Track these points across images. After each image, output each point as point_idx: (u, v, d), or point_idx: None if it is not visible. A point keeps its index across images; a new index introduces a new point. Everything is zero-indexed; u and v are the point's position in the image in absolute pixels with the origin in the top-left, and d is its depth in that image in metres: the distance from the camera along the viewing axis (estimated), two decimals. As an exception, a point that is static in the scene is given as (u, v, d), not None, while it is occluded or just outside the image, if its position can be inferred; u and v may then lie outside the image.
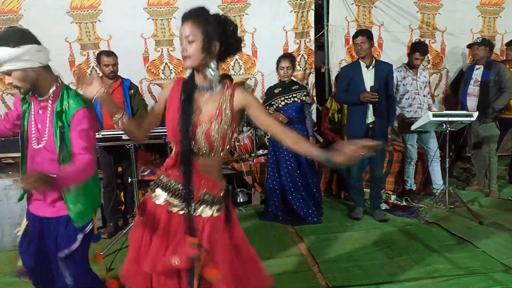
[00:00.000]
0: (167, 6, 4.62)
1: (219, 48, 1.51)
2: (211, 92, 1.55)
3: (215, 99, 1.54)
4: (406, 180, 4.26)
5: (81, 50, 4.58)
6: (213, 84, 1.55)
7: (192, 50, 1.47)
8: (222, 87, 1.57)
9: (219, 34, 1.49)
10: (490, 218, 3.59)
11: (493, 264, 2.72)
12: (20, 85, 1.63)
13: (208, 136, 1.51)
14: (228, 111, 1.53)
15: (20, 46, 1.57)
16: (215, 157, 1.56)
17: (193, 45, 1.46)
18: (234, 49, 1.57)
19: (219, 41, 1.50)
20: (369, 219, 3.70)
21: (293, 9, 4.84)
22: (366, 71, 3.57)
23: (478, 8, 5.21)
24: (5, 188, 3.18)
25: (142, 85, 4.66)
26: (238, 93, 1.55)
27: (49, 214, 1.77)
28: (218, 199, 1.60)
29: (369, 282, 2.53)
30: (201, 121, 1.52)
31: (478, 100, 4.20)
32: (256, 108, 1.56)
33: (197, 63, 1.49)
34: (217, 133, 1.51)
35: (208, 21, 1.47)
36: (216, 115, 1.52)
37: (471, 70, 4.33)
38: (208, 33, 1.46)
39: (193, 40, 1.46)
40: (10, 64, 1.57)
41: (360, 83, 3.54)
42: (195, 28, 1.46)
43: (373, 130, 3.56)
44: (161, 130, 3.50)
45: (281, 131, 1.56)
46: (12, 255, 3.09)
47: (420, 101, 4.13)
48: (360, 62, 3.60)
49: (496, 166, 4.30)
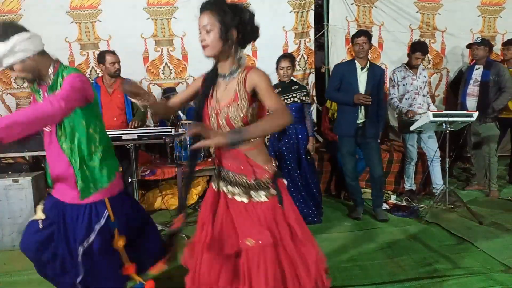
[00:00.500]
0: (167, 6, 4.62)
1: (236, 36, 1.55)
2: (231, 78, 1.59)
3: (234, 84, 1.58)
4: (406, 180, 4.26)
5: (81, 50, 4.59)
6: (233, 71, 1.59)
7: (210, 39, 1.52)
8: (241, 71, 1.59)
9: (236, 23, 1.53)
10: (490, 218, 3.59)
11: (493, 264, 2.72)
12: (24, 76, 1.67)
13: (228, 121, 1.57)
14: (243, 94, 1.55)
15: (9, 38, 1.58)
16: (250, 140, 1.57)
17: (211, 34, 1.52)
18: (252, 37, 1.61)
19: (236, 29, 1.54)
20: (369, 219, 3.70)
21: (293, 9, 4.84)
22: (361, 72, 3.58)
23: (478, 8, 5.22)
24: (5, 188, 3.17)
25: (142, 85, 4.66)
26: (250, 73, 1.56)
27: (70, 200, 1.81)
28: (264, 182, 1.62)
29: (369, 282, 2.53)
30: (222, 108, 1.58)
31: (478, 100, 4.20)
32: (261, 90, 1.54)
33: (216, 52, 1.54)
34: (236, 117, 1.55)
35: (225, 10, 1.52)
36: (233, 100, 1.56)
37: (470, 70, 4.33)
38: (224, 22, 1.51)
39: (211, 30, 1.51)
40: (8, 59, 1.60)
41: (353, 83, 3.55)
42: (212, 17, 1.51)
43: (363, 129, 3.57)
44: (161, 130, 3.54)
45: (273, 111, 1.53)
46: (12, 255, 3.10)
47: (420, 101, 4.13)
48: (356, 63, 3.61)
49: (496, 166, 4.30)
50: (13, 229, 3.19)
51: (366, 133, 3.57)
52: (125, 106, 3.67)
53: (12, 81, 4.55)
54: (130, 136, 3.20)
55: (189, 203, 4.12)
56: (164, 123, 4.27)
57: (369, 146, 3.62)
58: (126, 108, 3.70)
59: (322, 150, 4.54)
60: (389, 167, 4.32)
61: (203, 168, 3.82)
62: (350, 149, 3.67)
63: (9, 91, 4.58)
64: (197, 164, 1.63)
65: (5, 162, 3.69)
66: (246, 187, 1.63)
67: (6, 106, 4.60)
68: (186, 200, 1.69)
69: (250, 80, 1.55)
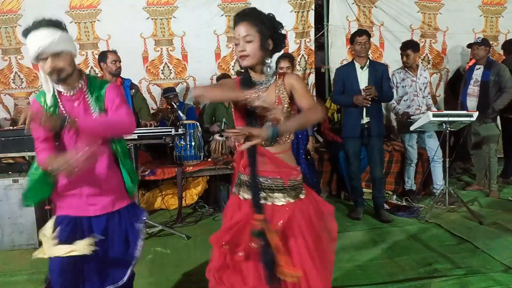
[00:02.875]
0: (166, 6, 4.61)
1: (271, 46, 1.62)
2: (267, 85, 1.65)
3: (272, 90, 1.64)
4: (406, 181, 4.25)
5: (80, 50, 4.58)
6: (268, 78, 1.65)
7: (250, 49, 1.57)
8: (276, 78, 1.67)
9: (271, 33, 1.61)
10: (490, 218, 3.59)
11: (493, 264, 2.72)
12: (65, 69, 1.63)
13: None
14: (285, 98, 1.63)
15: (67, 33, 1.67)
16: (283, 142, 1.65)
17: (251, 44, 1.57)
18: (281, 46, 1.69)
19: (272, 39, 1.61)
20: (369, 219, 3.70)
21: (293, 9, 4.84)
22: (361, 72, 3.58)
23: (480, 7, 5.20)
24: (5, 188, 3.17)
25: (141, 85, 4.65)
26: (287, 78, 1.65)
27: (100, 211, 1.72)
28: (296, 184, 1.67)
29: (369, 282, 2.53)
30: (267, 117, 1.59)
31: (478, 100, 4.20)
32: (297, 91, 1.62)
33: (256, 61, 1.60)
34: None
35: (262, 20, 1.59)
36: (276, 104, 1.60)
37: (471, 70, 4.32)
38: (263, 32, 1.58)
39: (251, 40, 1.57)
40: (64, 45, 1.62)
41: (354, 84, 3.56)
42: (251, 28, 1.57)
43: (368, 130, 3.58)
44: (161, 130, 3.53)
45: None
46: (12, 255, 3.10)
47: (419, 103, 4.12)
48: (355, 63, 3.62)
49: (496, 166, 4.30)
50: (13, 229, 3.19)
51: (372, 132, 3.57)
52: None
53: (10, 82, 4.55)
54: (130, 136, 3.20)
55: (189, 203, 4.12)
56: (164, 123, 4.27)
57: (373, 146, 3.63)
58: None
59: (322, 150, 4.54)
60: (389, 167, 4.31)
61: (203, 168, 3.82)
62: (356, 150, 3.67)
63: (7, 92, 4.58)
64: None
65: (5, 162, 3.68)
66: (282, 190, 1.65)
67: (4, 106, 4.61)
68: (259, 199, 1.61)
69: (288, 84, 1.63)
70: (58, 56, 1.60)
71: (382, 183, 3.78)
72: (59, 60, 1.60)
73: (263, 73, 1.65)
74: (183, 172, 3.73)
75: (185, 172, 3.75)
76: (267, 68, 1.64)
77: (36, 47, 1.57)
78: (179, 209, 3.80)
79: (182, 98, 4.73)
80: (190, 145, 3.80)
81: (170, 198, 4.10)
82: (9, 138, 3.27)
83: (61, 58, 1.61)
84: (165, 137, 3.34)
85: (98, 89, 1.72)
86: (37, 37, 1.58)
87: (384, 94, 3.59)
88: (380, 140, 3.69)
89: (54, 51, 1.59)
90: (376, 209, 3.76)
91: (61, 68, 1.61)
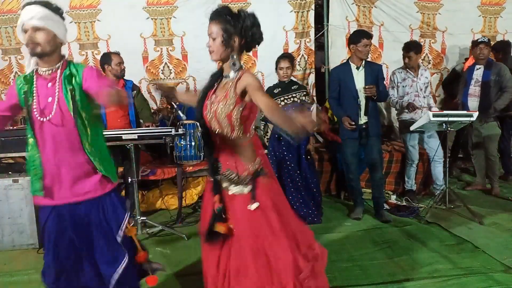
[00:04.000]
0: (166, 6, 4.61)
1: (239, 42, 1.73)
2: (229, 79, 1.77)
3: (228, 84, 1.76)
4: (407, 181, 4.25)
5: (80, 50, 4.58)
6: (231, 73, 1.76)
7: (214, 46, 1.73)
8: (238, 74, 1.75)
9: (238, 30, 1.72)
10: (490, 218, 3.59)
11: (493, 264, 2.72)
12: (42, 45, 1.70)
13: (215, 116, 1.75)
14: (232, 93, 1.73)
15: (56, 14, 1.76)
16: (230, 137, 1.77)
17: (216, 41, 1.72)
18: (255, 40, 1.78)
19: (239, 36, 1.72)
20: (369, 219, 3.70)
21: (293, 9, 4.84)
22: (357, 72, 3.58)
23: (478, 8, 5.21)
24: (5, 188, 3.17)
25: (141, 85, 4.65)
26: (243, 76, 1.73)
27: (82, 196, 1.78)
28: (244, 178, 1.78)
29: (369, 282, 2.53)
30: (213, 103, 1.77)
31: (480, 100, 4.19)
32: (252, 88, 1.69)
33: (219, 57, 1.75)
34: (222, 113, 1.73)
35: (227, 19, 1.70)
36: (223, 97, 1.74)
37: (470, 70, 4.32)
38: (227, 30, 1.70)
39: (215, 37, 1.72)
40: (46, 22, 1.70)
41: (351, 84, 3.57)
42: (216, 26, 1.72)
43: (366, 131, 3.58)
44: (161, 130, 3.53)
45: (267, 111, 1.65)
46: (12, 255, 3.10)
47: (420, 103, 4.12)
48: (351, 64, 3.61)
49: (497, 165, 4.30)
50: (13, 229, 3.19)
51: (369, 133, 3.58)
52: (128, 107, 3.66)
53: (10, 82, 4.55)
54: (130, 136, 3.20)
55: (189, 203, 4.12)
56: (164, 123, 4.27)
57: (371, 146, 3.63)
58: (129, 109, 3.69)
59: (322, 150, 4.54)
60: (389, 167, 4.32)
61: (203, 168, 3.82)
62: (354, 151, 3.68)
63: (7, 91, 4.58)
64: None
65: (5, 162, 3.69)
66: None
67: (6, 106, 4.60)
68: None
69: (241, 81, 1.72)
70: (38, 30, 1.69)
71: (382, 183, 3.78)
72: (38, 35, 1.69)
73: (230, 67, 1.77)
74: (183, 172, 3.74)
75: (185, 172, 3.75)
76: (231, 63, 1.75)
77: (21, 19, 1.71)
78: (179, 209, 3.80)
79: (182, 98, 4.72)
80: (190, 145, 3.80)
81: (170, 198, 4.10)
82: (9, 138, 3.27)
83: (40, 33, 1.69)
84: (165, 137, 3.34)
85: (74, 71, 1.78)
86: (25, 11, 1.71)
87: (381, 94, 3.60)
88: (378, 139, 3.69)
89: (34, 24, 1.68)
90: (376, 209, 3.76)
91: (37, 43, 1.69)
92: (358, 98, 3.56)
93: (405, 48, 4.11)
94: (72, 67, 1.79)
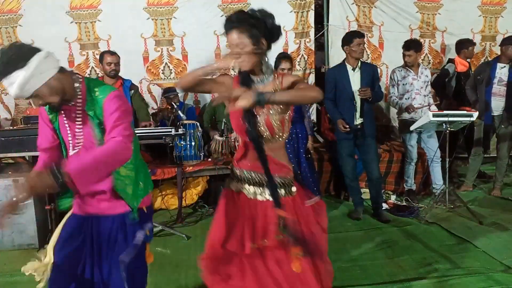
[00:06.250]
0: (167, 6, 4.62)
1: (266, 44, 1.64)
2: (264, 83, 1.68)
3: (269, 88, 1.66)
4: (406, 180, 4.25)
5: (81, 50, 4.59)
6: (266, 76, 1.69)
7: (245, 55, 1.59)
8: (274, 77, 1.70)
9: (263, 31, 1.60)
10: (490, 218, 3.59)
11: (493, 264, 2.72)
12: (51, 101, 1.52)
13: (268, 123, 1.66)
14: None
15: (29, 61, 1.43)
16: (278, 141, 1.71)
17: (244, 50, 1.59)
18: (277, 37, 1.68)
19: (264, 38, 1.62)
20: (369, 219, 3.70)
21: (293, 9, 4.84)
22: (353, 73, 3.58)
23: (479, 7, 5.21)
24: (5, 188, 3.17)
25: (141, 85, 4.66)
26: (285, 78, 1.69)
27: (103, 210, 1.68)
28: (289, 180, 1.73)
29: (369, 282, 2.53)
30: (260, 111, 1.65)
31: (506, 100, 4.13)
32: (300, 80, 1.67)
33: (253, 65, 1.63)
34: (275, 120, 1.66)
35: (251, 24, 1.58)
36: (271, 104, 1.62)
37: (492, 69, 4.22)
38: (255, 35, 1.58)
39: (243, 47, 1.58)
40: (32, 84, 1.45)
41: (346, 85, 3.57)
42: (241, 34, 1.57)
43: (362, 131, 3.58)
44: (161, 130, 3.54)
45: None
46: (12, 255, 3.10)
47: (420, 101, 4.11)
48: (346, 65, 3.61)
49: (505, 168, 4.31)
50: (13, 229, 3.19)
51: (365, 133, 3.59)
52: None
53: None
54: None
55: (189, 203, 4.12)
56: (164, 123, 4.27)
57: (367, 147, 3.63)
58: None
59: (322, 150, 4.54)
60: (389, 167, 4.32)
61: (203, 168, 3.82)
62: (349, 151, 3.68)
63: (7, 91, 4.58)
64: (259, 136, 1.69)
65: (5, 162, 3.69)
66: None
67: (5, 106, 4.62)
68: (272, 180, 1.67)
69: (286, 82, 1.67)
70: (36, 96, 1.50)
71: (380, 183, 3.78)
72: (39, 99, 1.51)
73: (262, 72, 1.68)
74: (183, 172, 3.73)
75: (185, 172, 3.75)
76: (265, 67, 1.68)
77: (12, 95, 1.48)
78: (179, 209, 3.80)
79: (182, 98, 4.73)
80: (190, 145, 3.80)
81: (170, 198, 4.10)
82: (9, 138, 3.27)
83: (39, 96, 1.50)
84: (165, 137, 3.34)
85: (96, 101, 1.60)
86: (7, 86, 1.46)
87: (376, 94, 3.61)
88: (374, 139, 3.69)
89: (28, 95, 1.49)
90: (375, 209, 3.76)
91: (45, 103, 1.54)
92: (354, 99, 3.57)
93: (405, 46, 4.10)
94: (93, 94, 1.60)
